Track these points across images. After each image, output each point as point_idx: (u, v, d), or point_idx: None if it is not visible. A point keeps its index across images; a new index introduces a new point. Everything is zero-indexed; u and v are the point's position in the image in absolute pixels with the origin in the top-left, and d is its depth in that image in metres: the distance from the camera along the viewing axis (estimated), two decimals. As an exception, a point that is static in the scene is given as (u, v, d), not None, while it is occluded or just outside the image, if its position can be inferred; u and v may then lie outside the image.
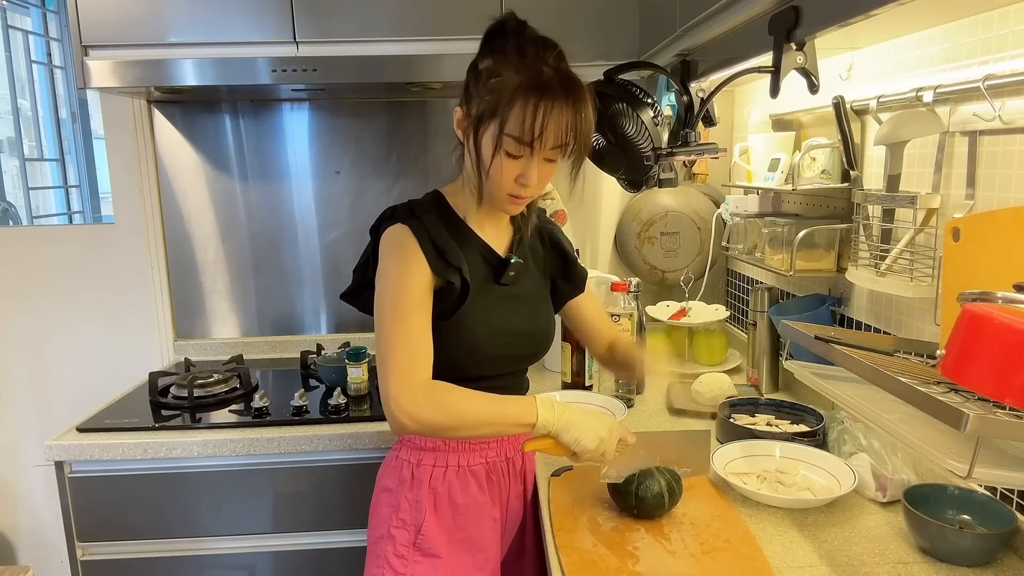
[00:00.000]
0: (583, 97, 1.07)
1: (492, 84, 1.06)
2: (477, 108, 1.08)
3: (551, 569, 1.05)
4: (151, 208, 2.16)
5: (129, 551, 1.65)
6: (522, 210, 1.21)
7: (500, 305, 1.21)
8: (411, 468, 1.22)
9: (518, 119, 1.04)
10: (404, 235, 1.13)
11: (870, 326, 1.44)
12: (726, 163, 1.96)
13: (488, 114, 1.06)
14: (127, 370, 2.14)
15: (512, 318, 1.22)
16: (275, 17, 1.76)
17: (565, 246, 1.34)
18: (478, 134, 1.08)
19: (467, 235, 1.19)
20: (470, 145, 1.10)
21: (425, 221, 1.14)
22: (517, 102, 1.03)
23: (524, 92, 1.03)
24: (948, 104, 1.15)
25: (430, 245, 1.12)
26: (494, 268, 1.21)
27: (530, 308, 1.26)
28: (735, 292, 2.18)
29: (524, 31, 1.11)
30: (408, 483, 1.22)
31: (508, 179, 1.10)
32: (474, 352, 1.18)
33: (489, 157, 1.08)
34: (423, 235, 1.13)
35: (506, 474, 1.28)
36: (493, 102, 1.05)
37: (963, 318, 0.82)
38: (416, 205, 1.18)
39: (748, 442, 1.36)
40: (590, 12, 1.79)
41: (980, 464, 0.84)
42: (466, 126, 1.11)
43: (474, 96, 1.09)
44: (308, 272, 2.24)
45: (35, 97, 3.40)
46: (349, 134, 2.17)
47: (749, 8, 1.12)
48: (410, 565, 1.18)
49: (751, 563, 1.02)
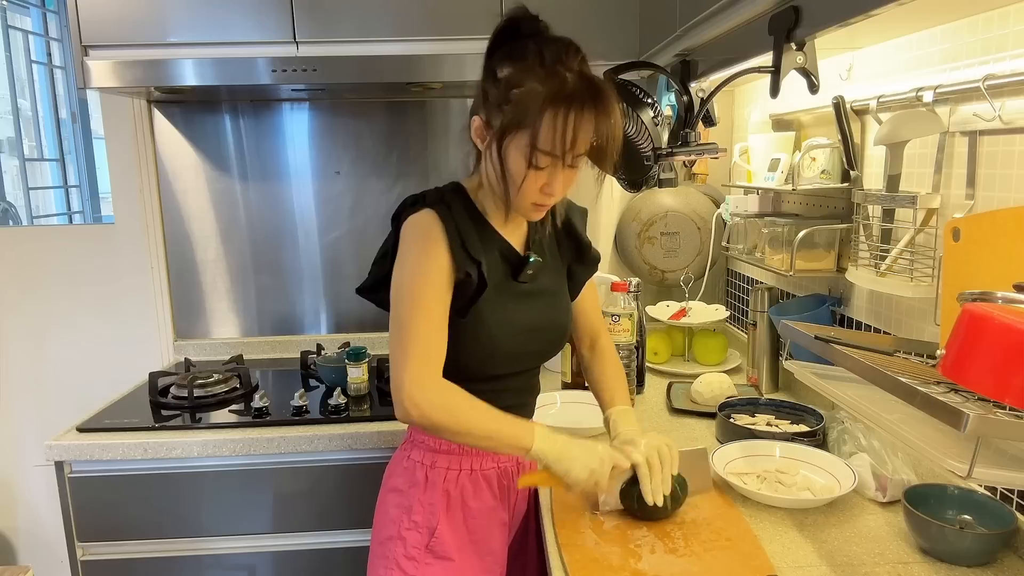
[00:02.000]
0: (611, 100, 1.04)
1: (516, 96, 1.03)
2: (501, 120, 1.04)
3: (552, 568, 1.05)
4: (151, 208, 2.17)
5: (129, 551, 1.65)
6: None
7: (518, 302, 1.19)
8: (425, 470, 1.21)
9: (548, 133, 1.01)
10: (432, 221, 1.11)
11: (870, 326, 1.44)
12: (726, 163, 1.96)
13: (513, 126, 1.03)
14: (127, 370, 2.14)
15: (530, 314, 1.20)
16: (275, 17, 1.76)
17: (578, 229, 1.31)
18: (502, 147, 1.05)
19: (488, 231, 1.17)
20: (493, 157, 1.08)
21: (453, 210, 1.13)
22: (546, 115, 1.01)
23: (552, 104, 1.00)
24: (948, 104, 1.15)
25: (456, 234, 1.10)
26: (512, 265, 1.19)
27: (548, 303, 1.24)
28: (735, 292, 2.18)
29: (539, 30, 1.08)
30: (422, 485, 1.20)
31: (533, 190, 1.08)
32: (492, 350, 1.16)
33: (519, 171, 1.05)
34: (450, 223, 1.11)
35: (516, 477, 1.26)
36: (519, 115, 1.02)
37: (963, 318, 0.82)
38: (445, 193, 1.16)
39: (748, 442, 1.36)
40: (590, 12, 1.80)
41: (980, 464, 0.84)
42: (487, 137, 1.08)
43: (495, 107, 1.06)
44: (308, 272, 2.24)
45: (35, 97, 3.40)
46: (349, 134, 2.17)
47: (749, 8, 1.12)
48: (421, 567, 1.17)
49: (753, 561, 1.02)
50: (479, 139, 1.11)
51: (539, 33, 1.08)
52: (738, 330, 2.12)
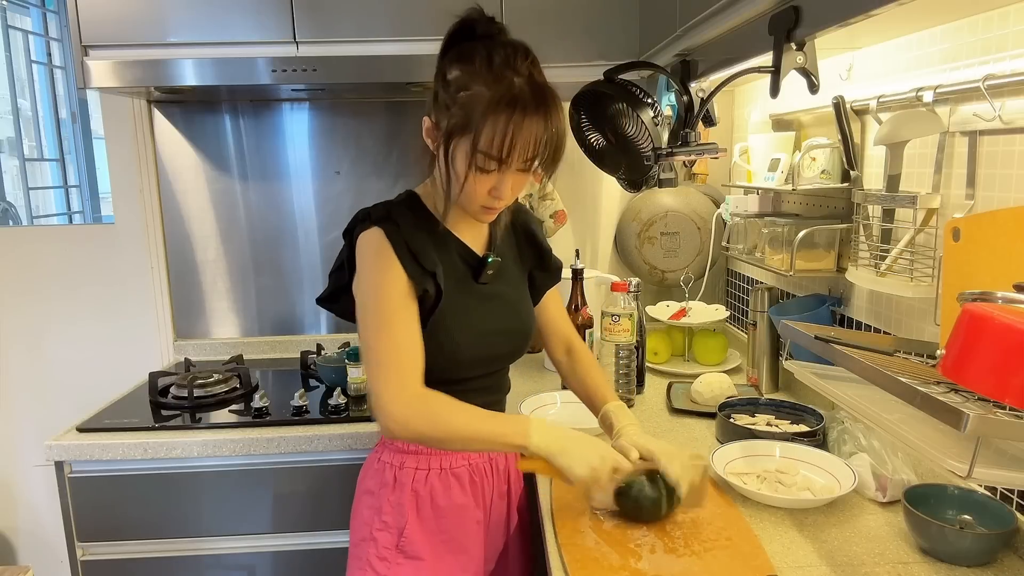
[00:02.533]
0: (554, 106, 1.04)
1: (462, 99, 1.03)
2: (448, 122, 1.04)
3: (552, 568, 1.05)
4: (151, 208, 2.17)
5: (129, 551, 1.65)
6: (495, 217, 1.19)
7: (479, 305, 1.19)
8: (394, 471, 1.21)
9: (489, 136, 1.01)
10: (379, 240, 1.10)
11: (870, 326, 1.44)
12: (726, 163, 1.96)
13: (459, 129, 1.03)
14: (127, 370, 2.14)
15: (491, 317, 1.21)
16: (275, 17, 1.76)
17: (539, 236, 1.33)
18: (449, 148, 1.05)
19: (444, 236, 1.17)
20: (440, 158, 1.08)
21: (400, 224, 1.12)
22: (488, 119, 1.00)
23: (494, 108, 1.00)
24: (948, 104, 1.15)
25: (405, 250, 1.10)
26: (472, 268, 1.20)
27: (510, 306, 1.25)
28: (735, 292, 2.18)
29: (493, 32, 1.07)
30: (391, 486, 1.21)
31: (481, 192, 1.08)
32: (455, 354, 1.16)
33: (462, 173, 1.06)
34: (398, 240, 1.10)
35: (489, 475, 1.27)
36: (464, 118, 1.02)
37: (963, 318, 0.82)
38: (392, 207, 1.15)
39: (748, 442, 1.36)
40: (590, 12, 1.79)
41: (980, 464, 0.84)
42: (436, 137, 1.08)
43: (443, 108, 1.06)
44: (308, 272, 2.24)
45: (35, 97, 3.40)
46: (349, 134, 2.17)
47: (749, 8, 1.12)
48: (392, 567, 1.18)
49: (753, 561, 1.02)
50: (430, 140, 1.10)
51: (492, 36, 1.07)
52: (738, 330, 2.12)
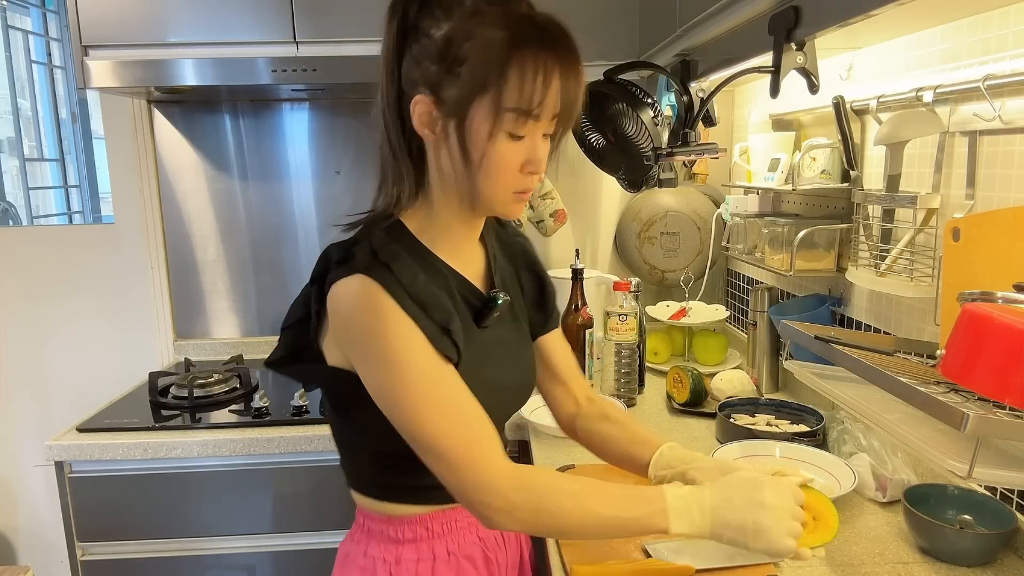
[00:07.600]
0: (576, 44, 0.83)
1: (468, 50, 0.79)
2: (454, 88, 0.80)
3: (552, 568, 1.05)
4: (151, 208, 2.17)
5: (129, 551, 1.65)
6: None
7: (486, 356, 0.93)
8: (388, 568, 0.94)
9: (516, 84, 0.79)
10: (375, 295, 0.83)
11: (870, 326, 1.44)
12: (726, 163, 1.96)
13: (476, 88, 0.79)
14: (127, 370, 2.14)
15: (498, 370, 0.96)
16: (275, 17, 1.76)
17: (541, 268, 1.08)
18: (463, 122, 0.81)
19: (443, 273, 0.92)
20: (451, 141, 0.83)
21: (395, 268, 0.85)
22: (512, 63, 0.78)
23: (519, 47, 0.78)
24: (948, 104, 1.15)
25: (410, 302, 0.84)
26: (474, 309, 0.95)
27: (514, 354, 1.01)
28: (735, 292, 2.18)
29: None
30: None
31: (513, 169, 0.84)
32: None
33: (488, 148, 0.82)
34: (399, 291, 0.83)
35: (502, 545, 1.04)
36: (480, 71, 0.79)
37: (963, 318, 0.82)
38: (379, 247, 0.87)
39: (748, 442, 1.36)
40: (590, 12, 1.80)
41: (980, 464, 0.84)
42: (438, 117, 0.83)
43: (442, 75, 0.81)
44: (308, 272, 2.20)
45: (35, 97, 3.40)
46: (349, 134, 2.17)
47: (749, 8, 1.12)
48: None
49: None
50: (426, 127, 0.85)
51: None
52: (738, 330, 2.12)
